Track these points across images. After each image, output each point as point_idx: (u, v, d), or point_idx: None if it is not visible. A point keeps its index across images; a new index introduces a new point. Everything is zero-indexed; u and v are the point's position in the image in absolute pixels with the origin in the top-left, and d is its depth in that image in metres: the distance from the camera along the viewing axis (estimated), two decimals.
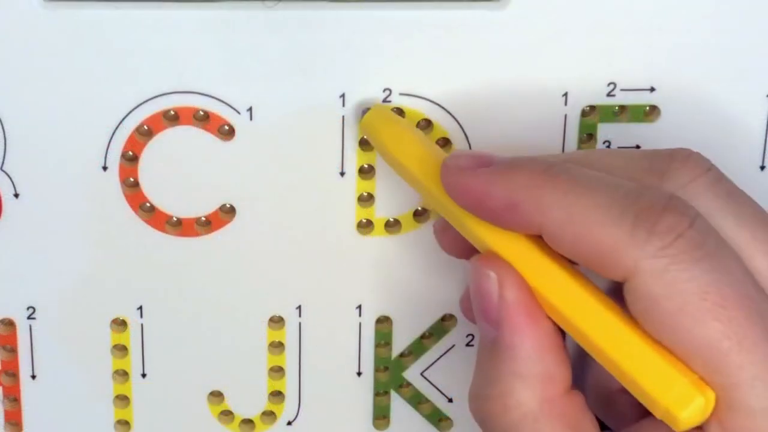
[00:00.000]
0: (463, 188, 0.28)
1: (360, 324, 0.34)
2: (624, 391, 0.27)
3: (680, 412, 0.25)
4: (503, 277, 0.27)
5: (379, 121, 0.31)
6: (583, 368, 0.30)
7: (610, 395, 0.30)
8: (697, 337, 0.25)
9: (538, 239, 0.27)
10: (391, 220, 0.33)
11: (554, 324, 0.27)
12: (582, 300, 0.27)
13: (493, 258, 0.28)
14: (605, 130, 0.33)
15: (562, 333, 0.28)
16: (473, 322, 0.30)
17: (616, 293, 0.27)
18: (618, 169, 0.28)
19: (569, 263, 0.27)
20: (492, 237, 0.28)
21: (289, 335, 0.34)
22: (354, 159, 0.33)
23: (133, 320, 0.34)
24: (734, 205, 0.28)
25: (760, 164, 0.33)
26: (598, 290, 0.27)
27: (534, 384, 0.27)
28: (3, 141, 0.32)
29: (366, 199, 0.33)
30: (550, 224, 0.27)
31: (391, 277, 0.34)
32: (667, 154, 0.29)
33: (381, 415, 0.36)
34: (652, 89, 0.32)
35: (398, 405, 0.35)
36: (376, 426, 0.36)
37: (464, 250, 0.30)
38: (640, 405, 0.26)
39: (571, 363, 0.28)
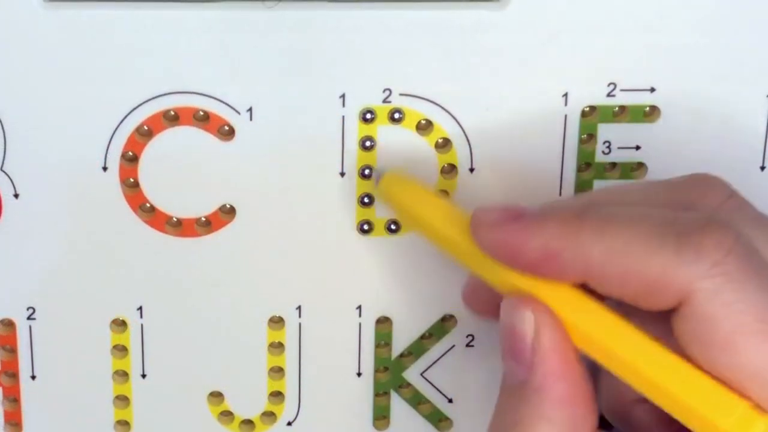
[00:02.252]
0: (498, 243, 0.28)
1: (360, 324, 0.34)
2: (640, 401, 0.27)
3: None
4: (540, 319, 0.27)
5: (396, 185, 0.31)
6: (595, 382, 0.30)
7: (626, 405, 0.30)
8: (753, 359, 0.25)
9: (573, 285, 0.27)
10: (391, 220, 0.33)
11: (586, 372, 0.27)
12: (628, 335, 0.26)
13: (530, 299, 0.27)
14: (605, 131, 0.33)
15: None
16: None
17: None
18: (640, 205, 0.28)
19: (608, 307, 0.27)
20: (530, 284, 0.28)
21: (289, 335, 0.34)
22: (354, 159, 0.33)
23: (133, 320, 0.34)
24: (765, 229, 0.27)
25: (761, 164, 0.33)
26: (640, 328, 0.27)
27: (561, 429, 0.27)
28: (3, 141, 0.32)
29: (366, 200, 0.33)
30: (594, 266, 0.26)
31: (391, 277, 0.34)
32: (684, 184, 0.29)
33: (381, 415, 0.36)
34: (652, 89, 0.32)
35: (398, 405, 0.35)
36: (376, 426, 0.36)
37: (497, 308, 0.29)
38: (659, 414, 0.26)
39: (598, 412, 0.28)
